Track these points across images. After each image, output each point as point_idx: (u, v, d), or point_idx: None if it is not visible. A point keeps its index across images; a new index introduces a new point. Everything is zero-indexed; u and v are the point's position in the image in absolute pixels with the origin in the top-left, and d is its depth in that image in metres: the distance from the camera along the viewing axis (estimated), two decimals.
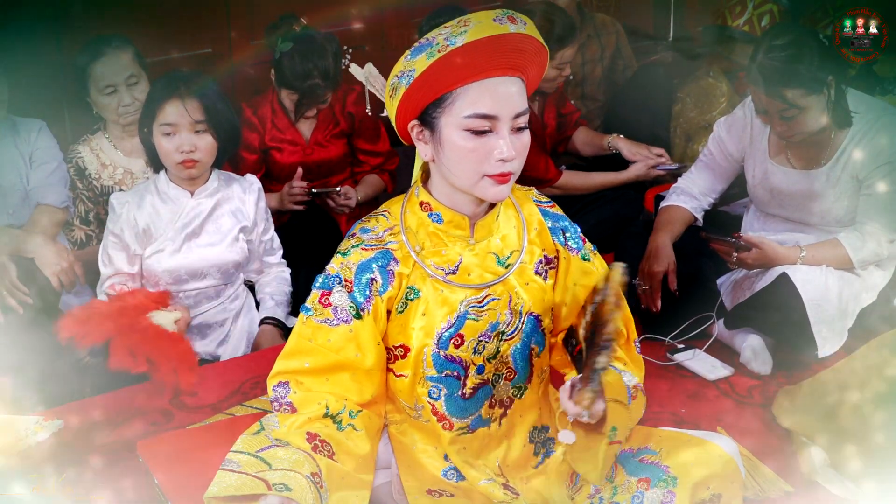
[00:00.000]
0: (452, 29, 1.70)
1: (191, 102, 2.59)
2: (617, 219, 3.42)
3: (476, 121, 1.72)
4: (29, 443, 2.26)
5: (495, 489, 1.92)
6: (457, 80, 1.72)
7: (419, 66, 1.71)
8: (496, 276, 1.88)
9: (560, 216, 1.99)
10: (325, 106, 3.34)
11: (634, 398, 1.87)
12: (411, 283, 1.85)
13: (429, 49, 1.70)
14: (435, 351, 1.86)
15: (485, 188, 1.78)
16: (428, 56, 1.70)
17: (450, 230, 1.86)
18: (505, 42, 1.70)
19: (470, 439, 1.94)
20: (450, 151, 1.76)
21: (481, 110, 1.72)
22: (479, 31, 1.68)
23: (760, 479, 2.13)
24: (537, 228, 1.95)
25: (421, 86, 1.73)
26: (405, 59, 1.74)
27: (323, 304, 1.84)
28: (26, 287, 2.69)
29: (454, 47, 1.68)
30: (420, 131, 1.80)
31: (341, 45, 3.29)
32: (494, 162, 1.74)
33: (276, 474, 1.72)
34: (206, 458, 1.93)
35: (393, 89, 1.77)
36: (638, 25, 4.54)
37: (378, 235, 1.86)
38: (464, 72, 1.71)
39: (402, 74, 1.74)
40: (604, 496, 1.87)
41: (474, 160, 1.75)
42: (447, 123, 1.75)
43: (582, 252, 1.97)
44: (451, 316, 1.86)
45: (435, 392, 1.89)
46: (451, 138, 1.75)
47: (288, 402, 1.83)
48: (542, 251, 1.95)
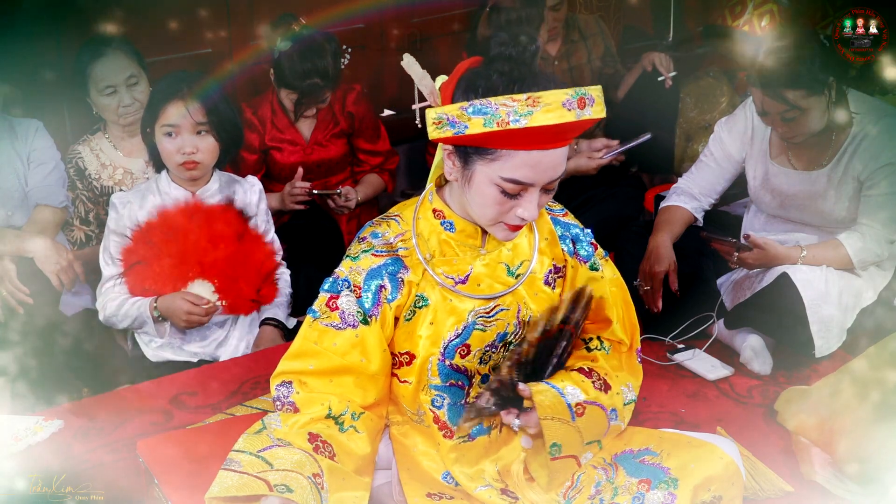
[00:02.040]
0: (519, 106, 1.63)
1: (193, 104, 2.59)
2: (617, 219, 3.42)
3: (511, 185, 1.71)
4: (29, 443, 2.26)
5: (493, 495, 1.92)
6: (506, 146, 1.68)
7: (473, 127, 1.66)
8: (506, 287, 1.88)
9: (571, 224, 1.99)
10: (324, 105, 3.34)
11: (580, 415, 1.85)
12: (420, 290, 1.85)
13: (488, 117, 1.64)
14: (441, 360, 1.86)
15: (496, 231, 1.80)
16: (485, 123, 1.65)
17: (461, 239, 1.86)
18: (567, 125, 1.66)
19: (469, 447, 1.93)
20: (475, 194, 1.76)
21: (519, 178, 1.70)
22: (545, 116, 1.63)
23: (760, 480, 2.13)
24: (548, 238, 1.95)
25: (468, 139, 1.70)
26: (461, 109, 1.67)
27: (330, 307, 1.83)
28: (26, 287, 2.69)
29: (514, 127, 1.64)
30: (451, 154, 1.77)
31: (341, 44, 3.29)
32: (515, 216, 1.75)
33: (278, 475, 1.71)
34: (206, 458, 1.93)
35: (439, 123, 1.71)
36: (638, 25, 4.54)
37: (389, 241, 1.85)
38: (515, 142, 1.67)
39: (452, 121, 1.68)
40: (604, 497, 1.87)
41: (497, 210, 1.75)
42: (482, 171, 1.72)
43: (591, 261, 1.97)
44: (459, 326, 1.85)
45: (438, 401, 1.89)
46: (481, 185, 1.73)
47: (291, 401, 1.83)
48: (551, 261, 1.94)
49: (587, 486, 1.90)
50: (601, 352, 1.97)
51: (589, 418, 1.87)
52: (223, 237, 2.62)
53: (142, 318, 2.63)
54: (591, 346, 1.98)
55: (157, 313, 2.63)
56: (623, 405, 1.93)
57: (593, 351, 1.97)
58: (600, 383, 1.90)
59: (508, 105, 1.64)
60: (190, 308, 2.60)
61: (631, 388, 1.96)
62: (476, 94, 1.69)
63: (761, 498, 2.12)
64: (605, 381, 1.91)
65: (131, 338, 2.78)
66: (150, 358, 2.72)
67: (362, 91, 3.53)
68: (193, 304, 2.60)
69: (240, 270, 2.64)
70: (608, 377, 1.93)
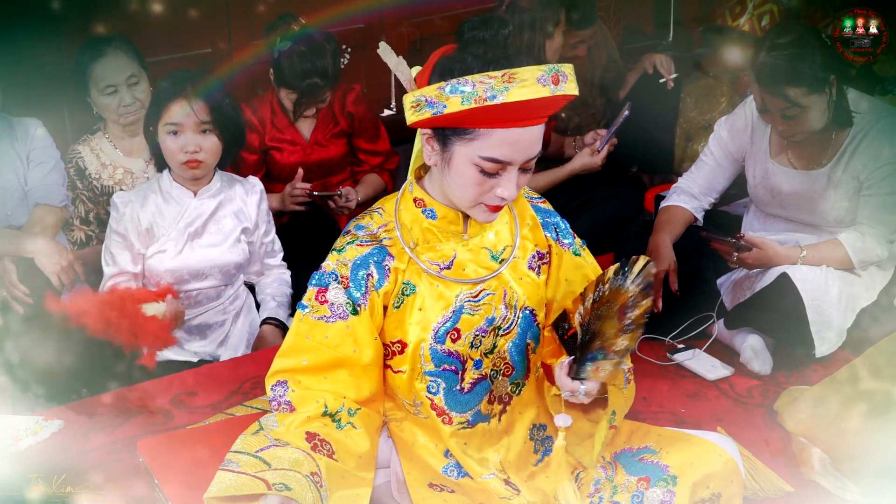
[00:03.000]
0: (496, 82, 1.66)
1: (197, 103, 2.60)
2: (616, 218, 3.42)
3: (490, 163, 1.74)
4: (29, 443, 2.26)
5: (497, 484, 1.93)
6: (483, 124, 1.71)
7: (451, 106, 1.69)
8: (490, 271, 1.90)
9: (551, 212, 2.02)
10: (324, 105, 3.34)
11: (630, 382, 1.91)
12: (407, 278, 1.87)
13: (465, 94, 1.67)
14: (432, 345, 1.87)
15: (477, 212, 1.83)
16: (463, 101, 1.67)
17: (444, 226, 1.88)
18: (542, 101, 1.69)
19: (470, 434, 1.94)
20: (455, 175, 1.78)
21: (498, 156, 1.73)
22: (521, 91, 1.66)
23: (760, 479, 2.13)
24: (529, 224, 1.98)
25: (446, 119, 1.72)
26: (438, 89, 1.70)
27: (319, 300, 1.85)
28: (26, 287, 2.69)
29: (491, 103, 1.66)
30: (430, 138, 1.80)
31: (340, 44, 3.29)
32: (494, 196, 1.78)
33: (276, 474, 1.72)
34: (206, 458, 1.94)
35: (417, 105, 1.74)
36: (638, 25, 4.54)
37: (373, 232, 1.88)
38: (494, 120, 1.70)
39: (431, 101, 1.71)
40: (604, 495, 1.87)
41: (476, 191, 1.78)
42: (461, 152, 1.75)
43: (573, 247, 2.00)
44: (447, 310, 1.87)
45: (433, 387, 1.90)
46: (460, 166, 1.76)
47: (286, 400, 1.84)
48: (534, 246, 1.97)
49: (586, 485, 1.91)
50: None
51: (631, 387, 1.93)
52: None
53: None
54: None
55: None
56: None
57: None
58: None
59: (485, 82, 1.67)
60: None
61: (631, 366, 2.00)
62: (451, 74, 1.72)
63: (761, 498, 2.12)
64: None
65: None
66: None
67: (362, 91, 3.53)
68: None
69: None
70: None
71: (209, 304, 2.77)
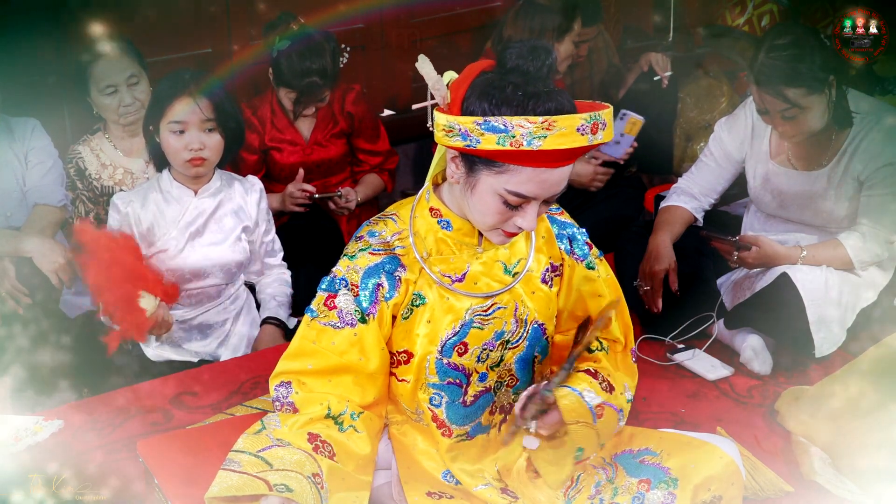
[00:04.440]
0: (534, 129, 1.62)
1: (202, 100, 2.60)
2: (616, 218, 3.42)
3: (515, 197, 1.72)
4: (29, 443, 2.25)
5: (493, 494, 1.92)
6: (515, 162, 1.68)
7: (485, 143, 1.65)
8: (503, 285, 1.88)
9: (568, 223, 1.99)
10: (323, 105, 3.34)
11: (600, 416, 1.86)
12: (417, 289, 1.85)
13: (502, 135, 1.63)
14: (438, 358, 1.86)
15: (493, 235, 1.82)
16: (498, 142, 1.64)
17: (458, 238, 1.86)
18: (578, 149, 1.67)
19: (467, 446, 1.94)
20: (477, 201, 1.76)
21: (524, 192, 1.71)
22: (559, 141, 1.63)
23: (760, 480, 2.13)
24: (545, 236, 1.95)
25: (479, 153, 1.69)
26: (475, 123, 1.66)
27: (328, 306, 1.83)
28: (25, 288, 2.68)
29: (527, 149, 1.63)
30: (456, 158, 1.77)
31: (339, 43, 3.29)
32: (513, 224, 1.77)
33: (277, 475, 1.71)
34: (206, 458, 1.93)
35: (450, 132, 1.70)
36: (638, 25, 4.54)
37: (386, 240, 1.85)
38: (525, 160, 1.67)
39: (465, 133, 1.67)
40: (604, 497, 1.87)
41: (496, 219, 1.77)
42: (487, 181, 1.72)
43: (587, 260, 1.97)
44: (456, 324, 1.85)
45: (436, 399, 1.89)
46: (484, 195, 1.74)
47: (290, 401, 1.83)
48: (548, 259, 1.95)
49: (587, 486, 1.90)
50: (602, 352, 1.97)
51: (606, 419, 1.88)
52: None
53: None
54: (592, 348, 1.98)
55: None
56: (626, 404, 1.94)
57: (595, 352, 1.97)
58: (605, 384, 1.90)
59: (524, 126, 1.63)
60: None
61: (628, 388, 1.97)
62: (489, 103, 1.67)
63: (761, 498, 2.12)
64: (609, 381, 1.92)
65: None
66: (151, 357, 2.73)
67: (361, 91, 3.53)
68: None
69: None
70: (611, 378, 1.93)
71: (209, 303, 2.77)
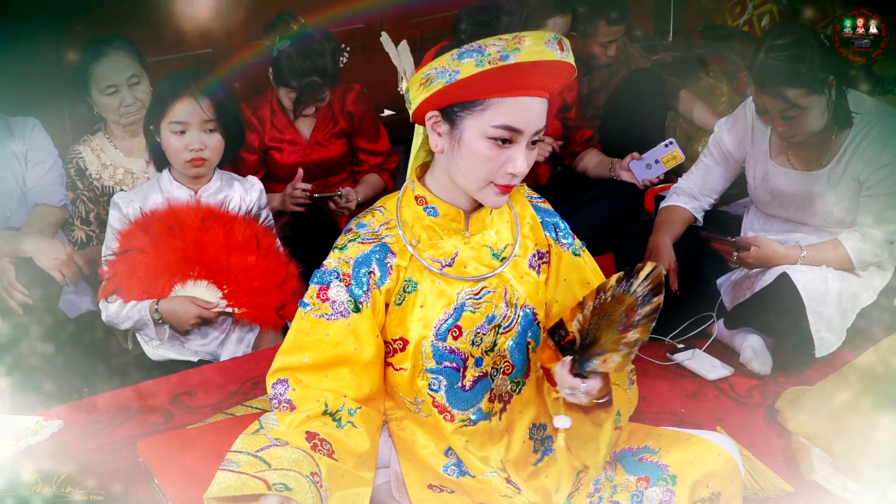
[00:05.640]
0: (507, 44, 1.71)
1: (203, 100, 2.60)
2: (615, 218, 3.42)
3: (502, 132, 1.75)
4: (29, 443, 2.26)
5: (499, 482, 1.94)
6: (495, 91, 1.74)
7: (464, 71, 1.72)
8: (491, 269, 1.91)
9: (551, 212, 2.03)
10: (323, 104, 3.35)
11: (633, 383, 1.93)
12: (409, 275, 1.87)
13: (479, 56, 1.71)
14: (434, 342, 1.87)
15: (487, 195, 1.82)
16: (476, 63, 1.71)
17: (445, 223, 1.89)
18: (548, 67, 1.73)
19: (472, 432, 1.94)
20: (466, 153, 1.79)
21: (509, 123, 1.75)
22: (532, 52, 1.71)
23: (760, 479, 2.13)
24: (530, 223, 1.98)
25: (459, 87, 1.74)
26: (450, 56, 1.73)
27: (321, 298, 1.85)
28: (26, 288, 2.68)
29: (505, 63, 1.70)
30: (437, 122, 1.81)
31: (339, 43, 3.29)
32: (505, 173, 1.78)
33: (276, 474, 1.72)
34: (206, 458, 1.93)
35: (427, 80, 1.77)
36: (638, 25, 4.54)
37: (374, 230, 1.88)
38: (505, 86, 1.73)
39: (443, 70, 1.74)
40: (603, 495, 1.87)
41: (488, 168, 1.78)
42: (472, 126, 1.77)
43: (573, 248, 2.01)
44: (449, 307, 1.88)
45: (435, 384, 1.90)
46: (472, 142, 1.77)
47: (287, 399, 1.84)
48: (534, 245, 1.97)
49: (586, 485, 1.91)
50: None
51: (634, 389, 1.94)
52: (238, 247, 2.62)
53: (142, 320, 2.63)
54: None
55: (158, 316, 2.63)
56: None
57: None
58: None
59: (496, 44, 1.71)
60: (201, 312, 2.61)
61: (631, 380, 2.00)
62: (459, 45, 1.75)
63: (761, 498, 2.12)
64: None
65: (132, 337, 2.78)
66: (151, 357, 2.72)
67: (362, 91, 3.53)
68: (204, 309, 2.61)
69: (257, 283, 2.64)
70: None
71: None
